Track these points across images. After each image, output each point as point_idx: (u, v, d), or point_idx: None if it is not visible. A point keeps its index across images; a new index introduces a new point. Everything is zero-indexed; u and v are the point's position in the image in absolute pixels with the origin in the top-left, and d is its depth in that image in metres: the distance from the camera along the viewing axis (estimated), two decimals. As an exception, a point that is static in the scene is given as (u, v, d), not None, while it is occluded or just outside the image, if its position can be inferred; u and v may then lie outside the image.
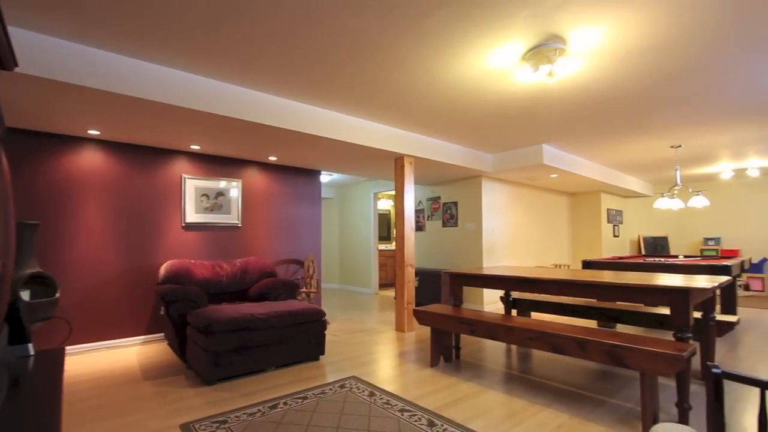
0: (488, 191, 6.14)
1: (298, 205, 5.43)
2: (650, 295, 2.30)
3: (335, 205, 9.25)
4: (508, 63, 2.79)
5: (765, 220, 7.67)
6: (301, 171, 5.49)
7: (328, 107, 3.78)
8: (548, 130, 4.48)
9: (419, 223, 7.12)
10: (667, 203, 5.59)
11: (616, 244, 8.60)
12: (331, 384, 2.90)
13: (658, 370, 1.96)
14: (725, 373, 1.14)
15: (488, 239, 6.10)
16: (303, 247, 5.45)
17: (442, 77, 3.07)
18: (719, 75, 3.06)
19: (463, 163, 5.26)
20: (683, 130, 4.51)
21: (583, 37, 2.44)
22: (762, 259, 7.61)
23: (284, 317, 3.27)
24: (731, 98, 3.55)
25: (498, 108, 3.77)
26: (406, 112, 3.91)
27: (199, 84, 3.08)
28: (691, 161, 6.31)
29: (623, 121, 4.18)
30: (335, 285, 9.19)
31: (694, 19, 2.29)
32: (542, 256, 7.44)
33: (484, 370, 3.23)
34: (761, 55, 2.75)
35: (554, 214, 7.91)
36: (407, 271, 4.62)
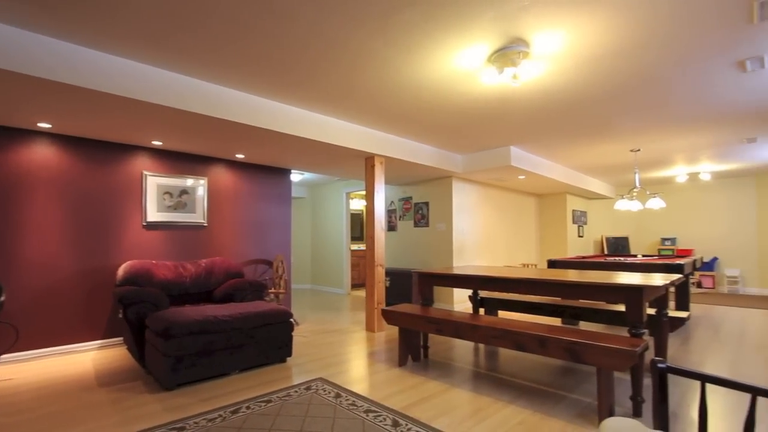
0: (459, 192, 6.22)
1: (267, 204, 5.32)
2: (607, 293, 2.39)
3: (307, 204, 9.13)
4: (474, 64, 2.83)
5: (715, 222, 8.16)
6: (271, 169, 5.38)
7: (298, 105, 3.72)
8: (515, 132, 4.59)
9: (391, 223, 7.13)
10: (627, 204, 5.84)
11: (580, 244, 8.92)
12: (297, 386, 2.85)
13: (613, 365, 2.04)
14: (669, 368, 1.18)
15: (458, 239, 6.18)
16: (272, 247, 5.34)
17: (410, 77, 3.08)
18: (673, 83, 3.22)
19: (433, 164, 5.30)
20: (642, 134, 4.73)
21: (545, 40, 2.50)
22: (713, 258, 8.09)
23: (249, 319, 3.19)
24: (684, 106, 3.75)
25: (466, 109, 3.82)
26: (377, 112, 3.90)
27: (160, 77, 2.95)
28: (649, 165, 6.63)
29: (586, 125, 4.33)
30: (307, 285, 9.07)
31: (649, 29, 2.40)
32: (511, 255, 7.62)
33: (451, 368, 3.26)
34: (708, 66, 2.91)
35: (523, 214, 8.12)
36: (377, 271, 4.61)
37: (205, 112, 3.17)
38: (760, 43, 2.59)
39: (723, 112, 3.93)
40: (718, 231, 8.13)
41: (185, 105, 3.08)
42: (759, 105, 3.74)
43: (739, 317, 5.29)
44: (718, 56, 2.77)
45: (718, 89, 3.35)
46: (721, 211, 8.09)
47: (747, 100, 3.60)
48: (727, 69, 2.97)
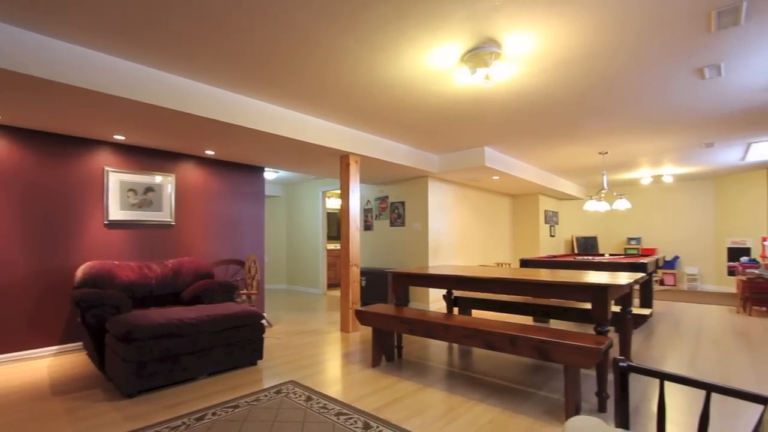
0: (434, 191, 6.26)
1: (239, 202, 5.18)
2: (574, 292, 2.44)
3: (282, 203, 8.98)
4: (447, 64, 2.83)
5: (677, 222, 8.55)
6: (243, 167, 5.24)
7: (270, 101, 3.63)
8: (489, 132, 4.64)
9: (367, 222, 7.10)
10: (595, 205, 6.03)
11: (552, 243, 9.16)
12: (267, 390, 2.78)
13: (579, 362, 2.08)
14: (630, 366, 1.21)
15: (434, 239, 6.21)
16: (244, 247, 5.20)
17: (384, 75, 3.05)
18: (638, 88, 3.33)
19: (409, 163, 5.30)
20: (609, 137, 4.88)
21: (516, 42, 2.53)
22: (674, 257, 8.48)
23: (217, 321, 3.08)
24: (648, 110, 3.89)
25: (441, 109, 3.83)
26: (351, 110, 3.85)
27: (125, 68, 2.80)
28: (617, 167, 6.87)
29: (557, 127, 4.43)
30: (282, 285, 8.92)
31: (615, 34, 2.46)
32: (486, 254, 7.73)
33: (425, 368, 3.27)
34: (671, 73, 3.02)
35: (497, 214, 8.26)
36: (352, 271, 4.57)
37: (172, 106, 3.04)
38: (718, 51, 2.71)
39: (684, 117, 4.10)
40: (679, 231, 8.53)
41: (151, 98, 2.94)
42: (716, 111, 3.93)
43: (697, 313, 5.56)
44: (679, 63, 2.88)
45: (679, 95, 3.50)
46: (682, 212, 8.49)
47: (705, 106, 3.78)
48: (688, 76, 3.09)
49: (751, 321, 5.02)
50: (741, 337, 4.17)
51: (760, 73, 3.05)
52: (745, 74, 3.08)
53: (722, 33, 2.48)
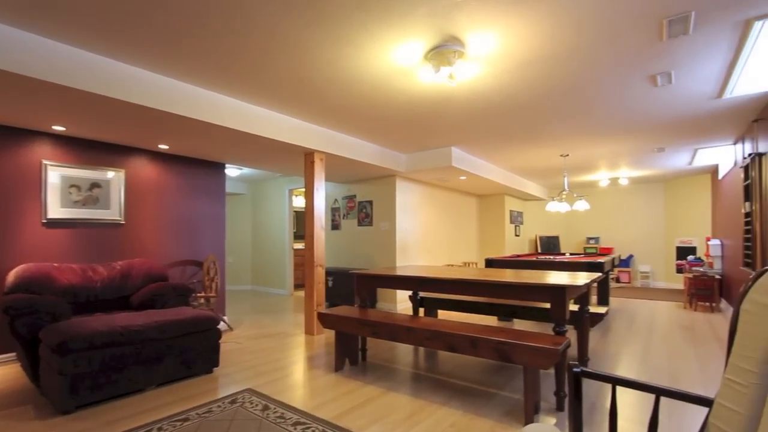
0: (402, 191, 6.23)
1: (198, 200, 4.92)
2: (534, 292, 2.46)
3: (247, 201, 8.68)
4: (411, 61, 2.79)
5: (631, 223, 8.99)
6: (202, 163, 4.98)
7: (227, 94, 3.45)
8: (456, 132, 4.66)
9: (335, 221, 6.98)
10: (557, 206, 6.21)
11: (517, 242, 9.39)
12: (221, 400, 2.63)
13: (538, 363, 2.09)
14: (584, 372, 1.19)
15: (402, 238, 6.19)
16: (203, 247, 4.96)
17: (348, 70, 2.97)
18: (595, 93, 3.42)
19: (376, 162, 5.24)
20: (570, 140, 5.03)
21: (479, 41, 2.52)
22: (629, 255, 8.90)
23: (167, 327, 2.89)
24: (607, 115, 4.02)
25: (407, 107, 3.79)
26: (315, 106, 3.74)
27: (62, 52, 2.55)
28: (577, 169, 7.11)
29: (520, 129, 4.51)
30: (247, 286, 8.64)
31: (573, 39, 2.50)
32: (453, 254, 7.81)
33: (389, 371, 3.21)
34: (625, 79, 3.12)
35: (464, 214, 8.36)
36: (317, 272, 4.45)
37: (115, 95, 2.81)
38: (669, 59, 2.81)
39: (639, 122, 4.27)
40: (633, 231, 8.97)
41: (94, 87, 2.70)
42: (667, 118, 4.12)
43: (649, 309, 5.85)
44: (633, 69, 2.98)
45: (634, 101, 3.63)
46: (637, 213, 8.93)
47: (658, 113, 3.95)
48: (642, 82, 3.21)
49: (696, 316, 5.33)
50: (687, 332, 4.40)
51: (705, 82, 3.21)
52: (693, 83, 3.23)
53: (673, 42, 2.58)
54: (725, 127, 4.44)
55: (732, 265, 5.38)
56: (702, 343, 3.95)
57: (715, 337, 4.22)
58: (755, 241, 3.92)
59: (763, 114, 3.81)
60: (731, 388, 1.00)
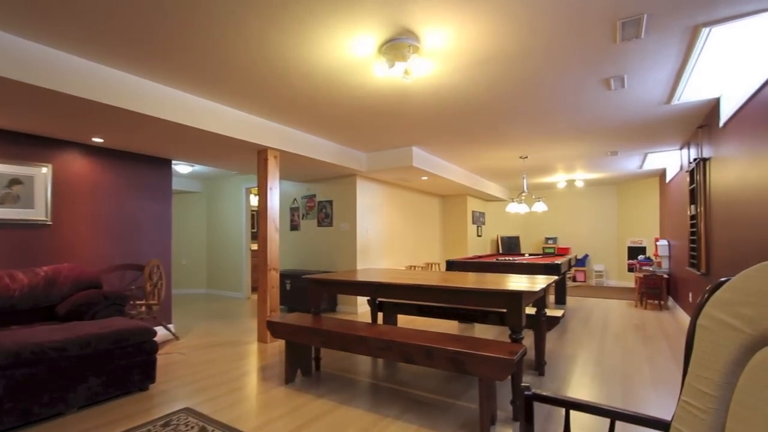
0: (363, 191, 6.07)
1: (140, 199, 4.52)
2: (489, 298, 2.38)
3: (202, 199, 8.21)
4: (364, 54, 2.63)
5: (587, 223, 9.32)
6: (145, 158, 4.59)
7: (167, 83, 3.14)
8: (416, 132, 4.55)
9: (294, 222, 6.71)
10: (516, 208, 6.27)
11: (479, 243, 9.49)
12: (153, 422, 2.36)
13: (493, 375, 2.00)
14: (536, 395, 1.09)
15: (363, 239, 6.03)
16: (147, 250, 4.57)
17: (299, 62, 2.77)
18: (553, 95, 3.42)
19: (335, 161, 5.04)
20: (529, 143, 5.07)
21: (434, 36, 2.41)
22: (585, 255, 9.22)
23: (93, 341, 2.58)
24: (564, 118, 4.05)
25: (364, 104, 3.64)
26: (266, 99, 3.50)
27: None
28: (536, 171, 7.25)
29: (478, 129, 4.47)
30: (202, 290, 8.18)
31: (529, 38, 2.44)
32: (416, 255, 7.74)
33: (343, 381, 3.04)
34: (580, 82, 3.13)
35: (427, 215, 8.32)
36: (271, 276, 4.20)
37: (34, 81, 2.47)
38: (622, 63, 2.83)
39: (594, 126, 4.35)
40: (589, 231, 9.30)
41: (5, 71, 2.35)
42: (620, 122, 4.21)
43: (603, 308, 6.03)
44: (588, 72, 2.98)
45: (590, 104, 3.67)
46: (591, 214, 9.27)
47: (612, 117, 4.02)
48: (596, 85, 3.23)
49: (646, 314, 5.54)
50: (638, 331, 4.54)
51: (655, 87, 3.28)
52: (644, 88, 3.29)
53: (626, 45, 2.58)
54: (673, 132, 4.61)
55: (678, 265, 5.65)
56: (652, 342, 4.07)
57: (664, 335, 4.38)
58: (700, 243, 4.08)
59: (707, 121, 3.97)
60: (688, 412, 0.91)
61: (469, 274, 3.36)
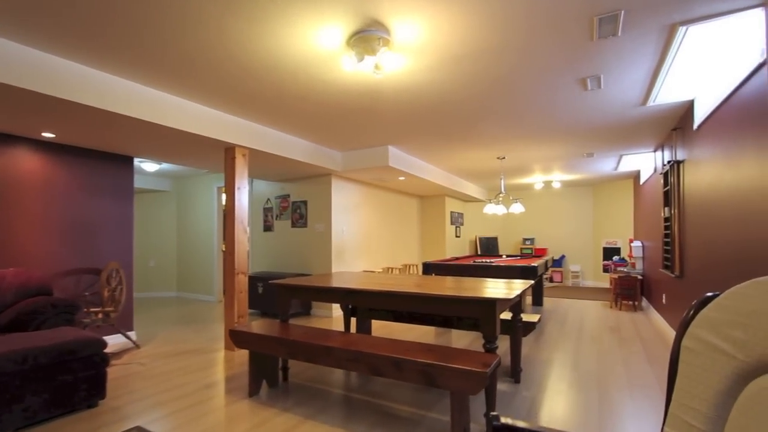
0: (339, 191, 5.90)
1: (98, 198, 4.23)
2: (463, 305, 2.26)
3: (171, 199, 7.86)
4: (332, 46, 2.48)
5: (563, 224, 9.41)
6: (103, 155, 4.29)
7: (129, 77, 2.91)
8: (391, 131, 4.42)
9: (267, 222, 6.47)
10: (494, 209, 6.23)
11: (458, 243, 9.45)
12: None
13: (466, 389, 1.88)
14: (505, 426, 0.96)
15: (338, 241, 5.86)
16: (106, 253, 4.27)
17: (261, 53, 2.59)
18: (529, 94, 3.34)
19: (309, 160, 4.86)
20: (506, 143, 5.01)
21: (405, 30, 2.27)
22: (561, 256, 9.31)
23: (31, 356, 2.33)
24: (541, 119, 4.00)
25: (335, 101, 3.48)
26: (231, 94, 3.29)
27: None
28: (513, 172, 7.24)
29: (455, 129, 4.37)
30: (172, 293, 7.83)
31: (504, 34, 2.34)
32: (394, 256, 7.62)
33: (312, 393, 2.88)
34: (557, 82, 3.06)
35: (405, 215, 8.21)
36: (238, 280, 3.99)
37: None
38: (598, 61, 2.77)
39: (571, 127, 4.32)
40: (565, 232, 9.39)
41: None
42: (596, 123, 4.19)
43: (579, 309, 6.05)
44: (564, 71, 2.91)
45: (566, 105, 3.61)
46: (568, 215, 9.37)
47: (587, 117, 3.99)
48: (573, 85, 3.17)
49: (621, 315, 5.58)
50: (614, 333, 4.54)
51: (631, 88, 3.25)
52: (621, 89, 3.25)
53: (603, 43, 2.51)
54: (648, 134, 4.64)
55: (652, 266, 5.71)
56: (627, 344, 4.07)
57: (638, 337, 4.39)
58: (674, 245, 4.10)
59: (681, 123, 3.99)
60: (673, 447, 0.81)
61: (444, 279, 3.25)
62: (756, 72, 2.32)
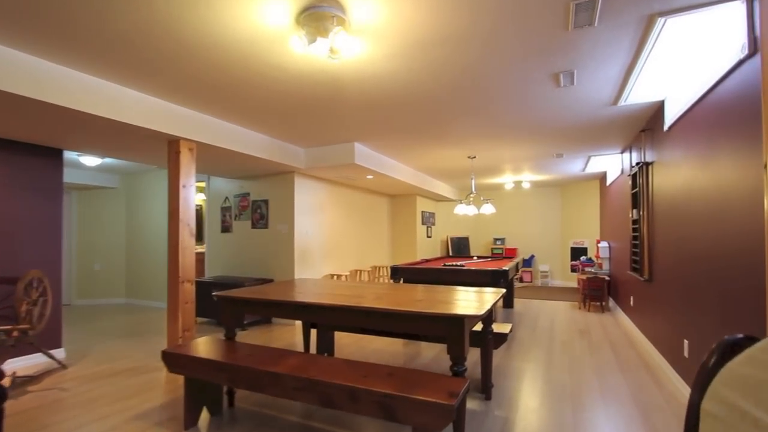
0: (303, 189, 5.54)
1: (16, 196, 3.68)
2: (429, 322, 2.00)
3: (120, 197, 7.22)
4: (279, 23, 2.14)
5: (533, 224, 9.43)
6: (24, 147, 3.74)
7: (49, 58, 2.45)
8: (356, 126, 4.12)
9: (225, 223, 6.01)
10: (464, 209, 6.06)
11: (429, 244, 9.27)
12: (-24, 507, 1.72)
13: (430, 425, 1.61)
14: None
15: (303, 243, 5.50)
16: (26, 260, 3.73)
17: (198, 29, 2.22)
18: (499, 87, 3.13)
19: (268, 156, 4.48)
20: (476, 141, 4.82)
21: (362, 8, 1.98)
22: (531, 255, 9.32)
23: None
24: (512, 116, 3.81)
25: (290, 91, 3.14)
26: (166, 78, 2.88)
27: None
28: (484, 171, 7.11)
29: (424, 125, 4.13)
30: (120, 300, 7.19)
31: (472, 19, 2.10)
32: (362, 258, 7.32)
33: (260, 421, 2.54)
34: (530, 75, 2.86)
35: (375, 215, 7.93)
36: (183, 290, 3.57)
37: None
38: (573, 55, 2.58)
39: (540, 126, 4.17)
40: (534, 232, 9.41)
41: None
42: (567, 122, 4.06)
43: (549, 311, 5.98)
44: (537, 64, 2.71)
45: (537, 102, 3.44)
46: (537, 216, 9.39)
47: (558, 116, 3.84)
48: (545, 80, 2.98)
49: (590, 317, 5.54)
50: (584, 338, 4.44)
51: (604, 86, 3.10)
52: (593, 87, 3.10)
53: (578, 33, 2.32)
54: (616, 135, 4.57)
55: (619, 267, 5.71)
56: (598, 350, 3.96)
57: (608, 340, 4.31)
58: (643, 248, 4.03)
59: (650, 124, 3.92)
60: None
61: (411, 288, 2.99)
62: (735, 69, 2.19)
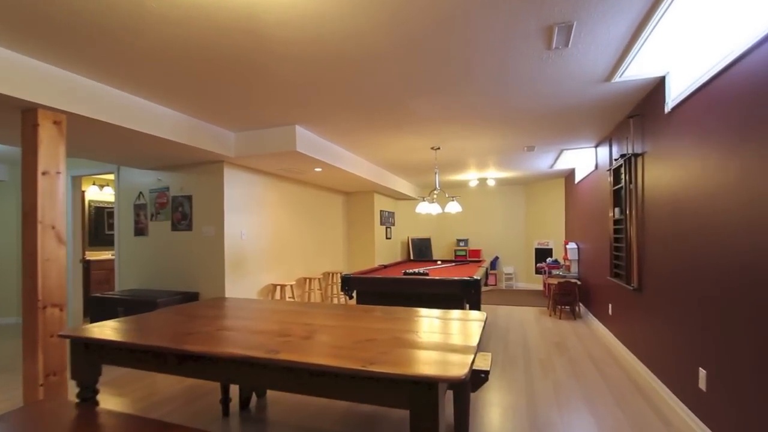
0: (234, 183, 4.59)
1: None
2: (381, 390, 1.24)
3: (11, 192, 5.86)
4: None
5: (497, 224, 8.98)
6: None
7: None
8: (294, 103, 3.28)
9: (140, 224, 4.92)
10: (427, 208, 5.38)
11: (388, 246, 8.54)
12: None
13: None
14: None
15: (235, 248, 4.55)
16: None
17: None
18: (474, 48, 2.43)
19: (185, 140, 3.52)
20: (442, 127, 4.13)
21: None
22: (495, 257, 8.87)
23: None
24: (484, 90, 3.14)
25: (194, 40, 2.25)
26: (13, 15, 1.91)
27: None
28: (448, 166, 6.48)
29: (380, 103, 3.37)
30: (12, 320, 5.83)
31: None
32: (312, 264, 6.45)
33: None
34: (512, 27, 2.18)
35: (327, 214, 7.08)
36: (46, 318, 2.56)
37: None
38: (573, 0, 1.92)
39: (517, 109, 3.54)
40: (498, 233, 8.97)
41: None
42: (549, 104, 3.46)
43: (519, 319, 5.43)
44: (528, 4, 2.03)
45: (519, 72, 2.78)
46: (501, 215, 8.96)
47: (542, 94, 3.23)
48: (534, 36, 2.31)
49: (562, 326, 5.04)
50: (562, 353, 3.88)
51: (604, 51, 2.49)
52: (591, 50, 2.48)
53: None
54: (595, 124, 4.06)
55: (592, 271, 5.27)
56: (581, 370, 3.39)
57: (587, 355, 3.78)
58: (630, 251, 3.52)
59: (640, 109, 3.40)
60: None
61: (363, 313, 2.22)
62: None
